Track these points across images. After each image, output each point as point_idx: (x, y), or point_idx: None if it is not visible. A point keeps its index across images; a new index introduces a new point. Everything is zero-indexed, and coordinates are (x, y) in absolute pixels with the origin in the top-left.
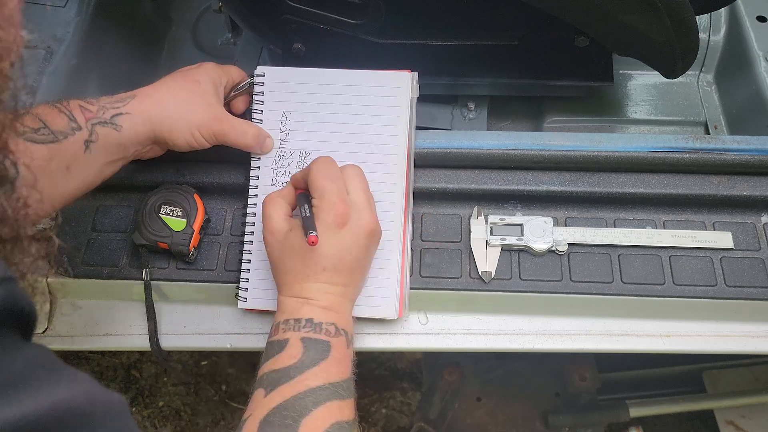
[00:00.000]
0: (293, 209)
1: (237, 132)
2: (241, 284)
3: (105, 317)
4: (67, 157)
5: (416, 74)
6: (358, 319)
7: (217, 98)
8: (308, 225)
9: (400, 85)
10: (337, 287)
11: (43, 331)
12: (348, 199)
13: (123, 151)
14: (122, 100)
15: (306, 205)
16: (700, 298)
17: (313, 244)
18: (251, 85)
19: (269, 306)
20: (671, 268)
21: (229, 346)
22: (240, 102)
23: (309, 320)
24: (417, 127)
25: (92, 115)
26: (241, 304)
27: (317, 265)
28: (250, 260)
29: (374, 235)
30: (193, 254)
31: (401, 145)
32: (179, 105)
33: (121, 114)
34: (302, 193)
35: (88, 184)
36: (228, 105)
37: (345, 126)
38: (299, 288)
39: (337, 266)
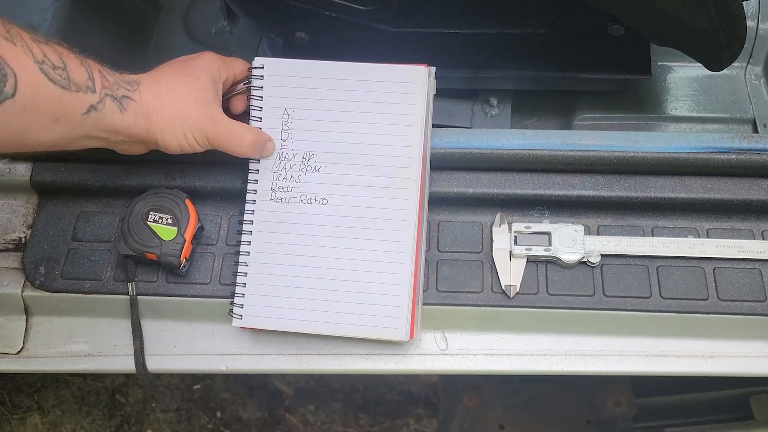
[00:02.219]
0: None
1: (232, 137)
2: (236, 300)
3: (86, 336)
4: (65, 111)
5: (433, 69)
6: (367, 338)
7: (214, 96)
8: None
9: (414, 81)
10: None
11: (18, 352)
12: None
13: (112, 134)
14: (131, 82)
15: None
16: (747, 314)
17: None
18: (249, 77)
19: (268, 324)
20: (715, 282)
21: (224, 368)
22: (240, 102)
23: None
24: (433, 125)
25: (108, 86)
26: (236, 322)
27: None
28: (246, 273)
29: None
30: (184, 266)
31: (416, 146)
32: (175, 102)
33: (129, 98)
34: None
35: (57, 144)
36: (227, 103)
37: (353, 125)
38: None
39: None
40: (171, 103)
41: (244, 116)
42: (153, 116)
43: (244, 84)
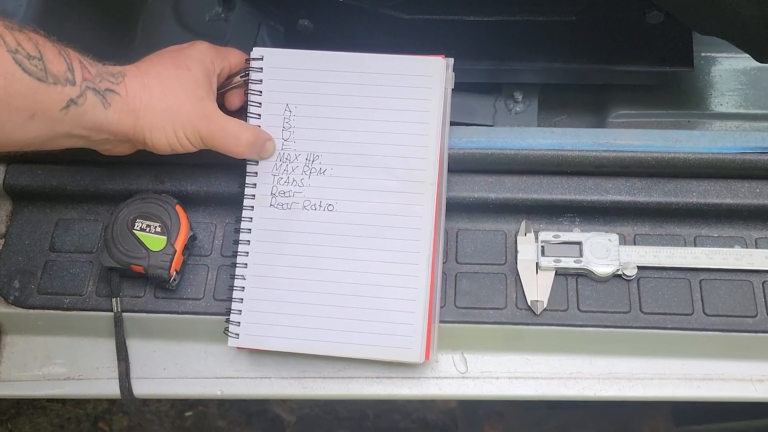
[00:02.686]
0: None
1: (228, 136)
2: (232, 317)
3: (66, 357)
4: (42, 106)
5: (451, 60)
6: (377, 360)
7: (208, 90)
8: None
9: (431, 74)
10: None
11: None
12: None
13: (95, 131)
14: (115, 74)
15: None
16: None
17: None
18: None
19: (267, 344)
20: (765, 298)
21: (219, 393)
22: (237, 96)
23: None
24: (452, 123)
25: (90, 77)
26: (232, 342)
27: None
28: (243, 287)
29: None
30: (174, 280)
31: (432, 146)
32: (165, 96)
33: (113, 92)
34: None
35: (33, 143)
36: (222, 98)
37: (362, 123)
38: None
39: None
40: (160, 97)
41: (241, 112)
42: (140, 112)
43: (241, 77)
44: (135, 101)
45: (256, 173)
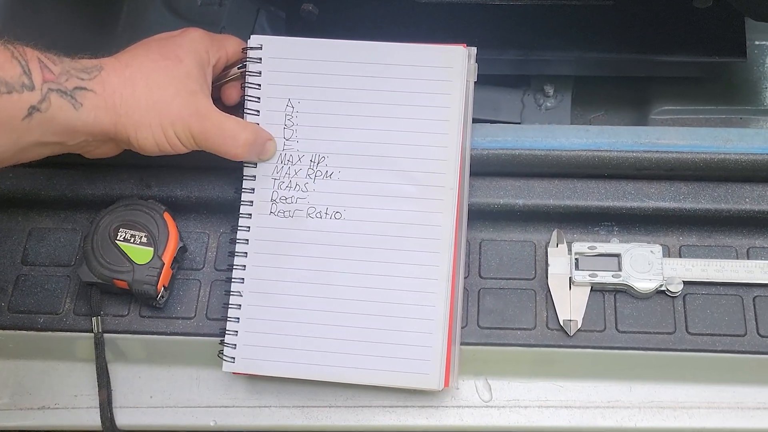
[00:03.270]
0: None
1: (224, 135)
2: (228, 338)
3: (40, 384)
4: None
5: (474, 50)
6: (390, 387)
7: (201, 84)
8: None
9: (451, 65)
10: None
11: None
12: None
13: (69, 136)
14: (88, 69)
15: None
16: None
17: None
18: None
19: (267, 369)
20: None
21: (212, 424)
22: (234, 90)
23: None
24: (475, 121)
25: (53, 78)
26: (227, 366)
27: None
28: (239, 305)
29: None
30: (162, 296)
31: (452, 147)
32: (152, 91)
33: (85, 89)
34: None
35: (2, 159)
36: (218, 91)
37: (374, 120)
38: None
39: None
40: (146, 92)
41: (239, 108)
42: (122, 108)
43: (238, 68)
44: (114, 97)
45: (255, 177)
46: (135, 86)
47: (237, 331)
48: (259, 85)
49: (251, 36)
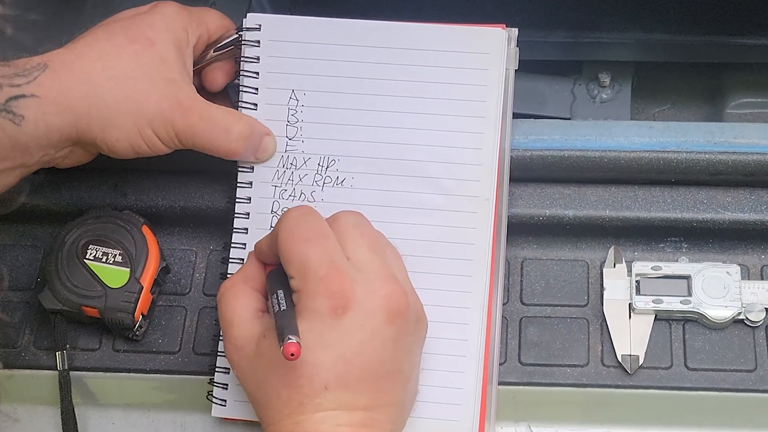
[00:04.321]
0: (267, 299)
1: (214, 128)
2: (218, 377)
3: None
4: None
5: (515, 31)
6: None
7: (181, 70)
8: (282, 325)
9: (487, 50)
10: (357, 413)
11: None
12: (346, 265)
13: (23, 155)
14: (26, 72)
15: (279, 292)
16: None
17: (293, 357)
18: (238, 44)
19: None
20: None
21: None
22: (220, 72)
23: None
24: (515, 116)
25: None
26: (216, 411)
27: (313, 384)
28: None
29: (402, 316)
30: (140, 326)
31: (489, 148)
32: (120, 84)
33: (23, 96)
34: (275, 271)
35: None
36: (200, 77)
37: (394, 117)
38: (292, 425)
39: (346, 379)
40: (112, 85)
41: (225, 98)
42: (82, 108)
43: (222, 46)
44: (68, 97)
45: (251, 183)
46: (95, 80)
47: (229, 369)
48: (257, 73)
49: (247, 14)
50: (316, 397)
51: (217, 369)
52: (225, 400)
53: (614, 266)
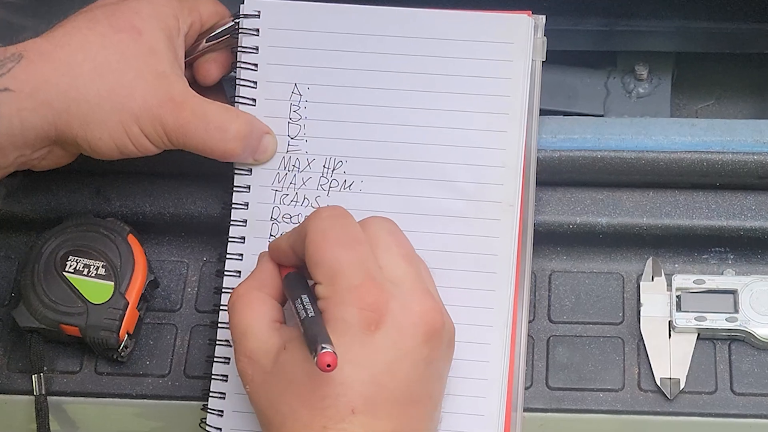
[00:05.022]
0: (284, 304)
1: (208, 126)
2: (212, 403)
3: None
4: None
5: (542, 18)
6: None
7: (171, 61)
8: (314, 333)
9: (512, 39)
10: None
11: None
12: (381, 275)
13: None
14: (1, 63)
15: (304, 297)
16: None
17: (329, 368)
18: (235, 32)
19: None
20: None
21: None
22: (214, 64)
23: None
24: (543, 112)
25: None
26: None
27: (339, 406)
28: (229, 359)
29: (437, 336)
30: (126, 347)
31: (512, 148)
32: (104, 77)
33: None
34: (293, 275)
35: None
36: (192, 69)
37: (409, 114)
38: None
39: (374, 402)
40: (95, 78)
41: (220, 93)
42: (61, 104)
43: (216, 35)
44: (46, 91)
45: (249, 187)
46: (76, 72)
47: (224, 394)
48: (256, 65)
49: (245, 0)
50: (341, 421)
51: (211, 394)
52: (220, 429)
53: (652, 280)
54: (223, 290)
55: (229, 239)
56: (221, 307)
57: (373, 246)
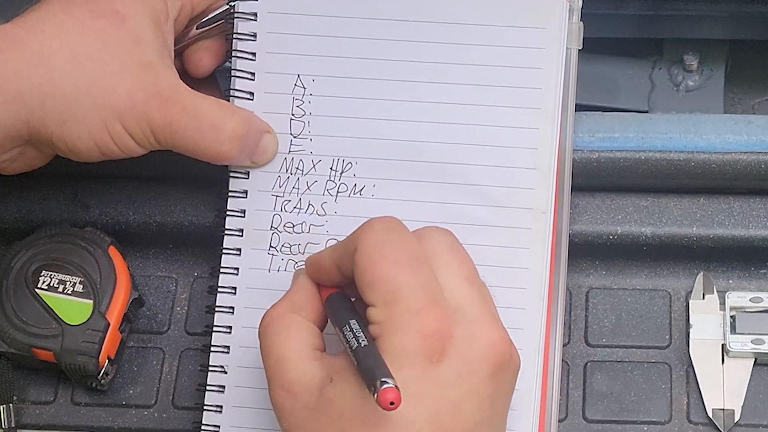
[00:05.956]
0: (322, 329)
1: (200, 126)
2: None
3: None
4: None
5: (578, 0)
6: None
7: (160, 51)
8: (370, 365)
9: (543, 24)
10: None
11: None
12: (444, 299)
13: None
14: None
15: (353, 323)
16: None
17: (393, 406)
18: (230, 17)
19: None
20: None
21: None
22: (206, 53)
23: None
24: (579, 108)
25: None
26: None
27: None
28: (223, 387)
29: (505, 369)
30: (107, 374)
31: (545, 148)
32: (84, 68)
33: None
34: (337, 295)
35: None
36: (182, 59)
37: (426, 108)
38: None
39: None
40: (73, 70)
41: (213, 86)
42: (34, 99)
43: (208, 21)
44: (18, 83)
45: (246, 192)
46: (51, 63)
47: (219, 426)
48: (254, 54)
49: None
50: None
51: (203, 427)
52: None
53: (703, 297)
54: (216, 309)
55: (223, 251)
56: (215, 329)
57: (432, 264)
